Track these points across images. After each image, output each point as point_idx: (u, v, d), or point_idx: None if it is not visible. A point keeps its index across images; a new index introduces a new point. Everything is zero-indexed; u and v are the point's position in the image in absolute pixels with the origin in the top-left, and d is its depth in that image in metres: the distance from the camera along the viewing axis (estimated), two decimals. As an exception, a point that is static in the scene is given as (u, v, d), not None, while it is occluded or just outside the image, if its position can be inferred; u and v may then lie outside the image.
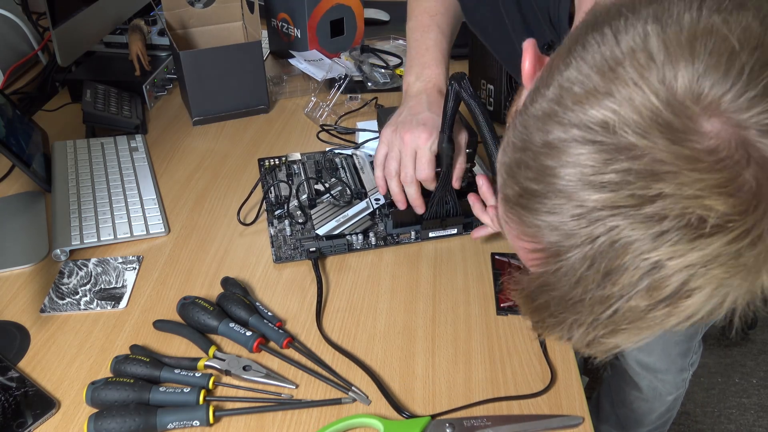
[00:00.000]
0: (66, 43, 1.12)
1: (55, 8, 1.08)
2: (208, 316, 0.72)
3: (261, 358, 0.71)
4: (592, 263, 0.35)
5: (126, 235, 0.88)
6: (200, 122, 1.17)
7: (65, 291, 0.80)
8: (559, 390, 0.67)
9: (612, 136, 0.33)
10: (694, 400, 1.65)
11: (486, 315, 0.76)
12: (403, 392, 0.67)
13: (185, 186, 1.01)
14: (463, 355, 0.71)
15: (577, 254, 0.35)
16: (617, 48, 0.35)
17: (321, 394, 0.67)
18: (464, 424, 0.63)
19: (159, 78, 1.27)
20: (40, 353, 0.72)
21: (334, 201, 0.93)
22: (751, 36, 0.33)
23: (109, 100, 1.16)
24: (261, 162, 1.04)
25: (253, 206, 0.95)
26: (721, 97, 0.32)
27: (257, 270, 0.83)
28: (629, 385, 1.15)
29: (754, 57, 0.32)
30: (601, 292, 0.36)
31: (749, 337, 1.83)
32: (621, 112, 0.33)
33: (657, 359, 1.07)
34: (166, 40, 1.33)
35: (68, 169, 1.01)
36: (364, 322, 0.75)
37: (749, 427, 1.59)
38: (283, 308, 0.77)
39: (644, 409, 1.17)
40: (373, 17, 1.56)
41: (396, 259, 0.85)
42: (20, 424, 0.63)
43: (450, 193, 0.83)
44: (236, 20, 1.28)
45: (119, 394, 0.64)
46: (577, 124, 0.34)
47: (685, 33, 0.34)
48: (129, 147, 1.08)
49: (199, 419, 0.63)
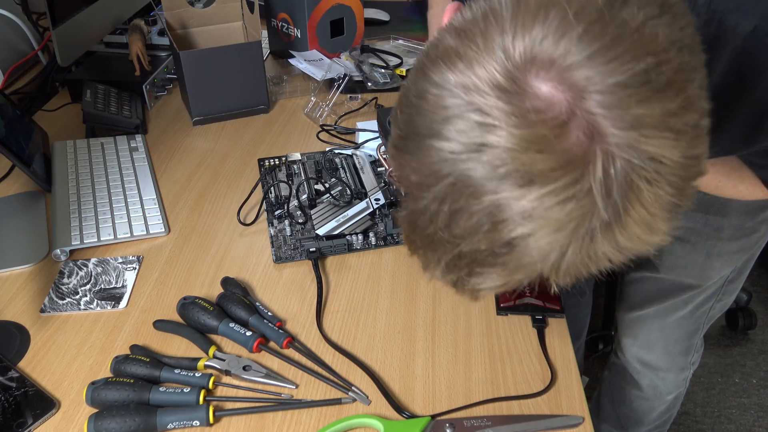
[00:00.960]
0: (66, 43, 1.12)
1: (55, 8, 1.08)
2: (208, 316, 0.72)
3: (261, 358, 0.71)
4: (441, 204, 0.39)
5: (126, 235, 0.88)
6: (200, 122, 1.17)
7: (65, 291, 0.80)
8: (559, 390, 0.67)
9: (458, 91, 0.38)
10: (694, 400, 1.65)
11: (486, 315, 0.76)
12: (403, 392, 0.67)
13: (185, 186, 1.01)
14: (463, 355, 0.71)
15: (430, 195, 0.39)
16: (471, 12, 0.40)
17: (321, 394, 0.67)
18: (464, 424, 0.63)
19: (159, 78, 1.27)
20: (40, 353, 0.72)
21: (334, 201, 0.93)
22: (592, 10, 0.36)
23: (109, 100, 1.16)
24: (261, 162, 1.04)
25: (253, 206, 0.95)
26: (553, 62, 0.36)
27: (257, 270, 0.83)
28: (630, 384, 1.15)
29: (588, 27, 0.36)
30: (449, 232, 0.40)
31: (749, 337, 1.83)
32: (466, 72, 0.38)
33: (658, 357, 1.07)
34: (166, 40, 1.33)
35: (68, 169, 1.01)
36: (364, 322, 0.75)
37: (749, 427, 1.59)
38: (283, 308, 0.77)
39: (644, 408, 1.17)
40: (373, 17, 1.56)
41: (396, 259, 0.85)
42: (20, 424, 0.63)
43: None
44: (236, 20, 1.28)
45: (119, 394, 0.64)
46: (434, 80, 0.39)
47: (532, 2, 0.37)
48: (129, 147, 1.08)
49: (199, 419, 0.63)
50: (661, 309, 1.00)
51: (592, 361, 1.73)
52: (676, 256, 0.93)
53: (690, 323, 1.01)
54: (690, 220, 0.89)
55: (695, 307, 0.98)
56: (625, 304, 1.07)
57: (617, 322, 1.12)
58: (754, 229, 0.88)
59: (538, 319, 0.75)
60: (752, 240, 0.89)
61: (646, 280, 0.99)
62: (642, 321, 1.04)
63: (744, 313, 1.80)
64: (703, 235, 0.89)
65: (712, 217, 0.87)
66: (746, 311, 1.81)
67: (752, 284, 1.97)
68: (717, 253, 0.90)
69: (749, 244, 0.89)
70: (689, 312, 0.99)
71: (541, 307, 0.76)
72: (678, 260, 0.93)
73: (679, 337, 1.04)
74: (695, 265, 0.92)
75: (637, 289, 1.02)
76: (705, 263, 0.91)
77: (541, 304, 0.77)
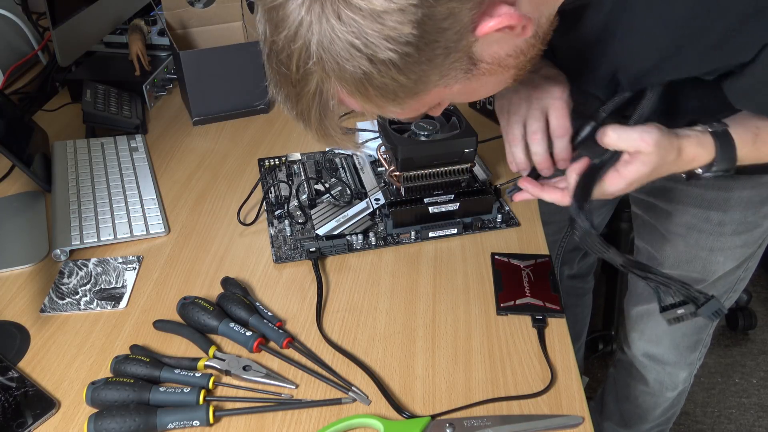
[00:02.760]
0: (66, 43, 1.12)
1: (55, 8, 1.08)
2: (208, 316, 0.73)
3: (261, 358, 0.71)
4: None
5: (126, 235, 0.88)
6: (200, 122, 1.17)
7: (65, 291, 0.80)
8: (559, 390, 0.67)
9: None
10: (694, 400, 1.65)
11: (486, 315, 0.76)
12: (403, 392, 0.67)
13: (185, 186, 1.01)
14: (463, 355, 0.71)
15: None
16: None
17: (321, 394, 0.67)
18: (464, 424, 0.63)
19: (159, 78, 1.27)
20: (40, 353, 0.72)
21: (334, 201, 0.93)
22: None
23: (109, 100, 1.16)
24: (261, 162, 1.04)
25: (253, 206, 0.95)
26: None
27: (257, 270, 0.83)
28: (635, 379, 1.16)
29: None
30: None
31: (749, 337, 1.83)
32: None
33: (665, 351, 1.07)
34: (166, 40, 1.33)
35: (68, 169, 1.02)
36: (364, 322, 0.75)
37: (749, 427, 1.59)
38: (283, 308, 0.77)
39: (649, 404, 1.17)
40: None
41: (396, 259, 0.85)
42: (20, 424, 0.63)
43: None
44: (236, 20, 1.28)
45: (119, 394, 0.64)
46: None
47: None
48: (129, 147, 1.08)
49: (199, 419, 0.63)
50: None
51: (592, 361, 1.73)
52: (680, 251, 0.93)
53: (699, 318, 1.01)
54: (691, 217, 0.89)
55: None
56: (632, 299, 1.07)
57: (624, 317, 1.12)
58: (757, 224, 0.88)
59: (538, 319, 0.75)
60: (755, 235, 0.89)
61: None
62: (649, 315, 1.04)
63: (744, 313, 1.80)
64: (704, 230, 0.89)
65: (714, 212, 0.87)
66: (746, 311, 1.81)
67: (752, 284, 1.97)
68: (720, 248, 0.90)
69: (752, 238, 0.90)
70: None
71: (541, 307, 0.76)
72: (681, 255, 0.93)
73: (687, 331, 1.04)
74: (699, 259, 0.92)
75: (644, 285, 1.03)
76: (708, 258, 0.92)
77: (541, 304, 0.77)
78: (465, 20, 0.48)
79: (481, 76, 0.54)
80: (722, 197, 0.86)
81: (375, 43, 0.45)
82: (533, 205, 0.94)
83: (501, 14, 0.49)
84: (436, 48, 0.48)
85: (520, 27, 0.51)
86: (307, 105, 0.52)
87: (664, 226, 0.93)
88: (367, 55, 0.46)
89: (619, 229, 1.57)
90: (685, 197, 0.88)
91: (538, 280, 0.80)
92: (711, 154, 0.65)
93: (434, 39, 0.47)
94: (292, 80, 0.50)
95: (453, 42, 0.48)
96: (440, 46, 0.48)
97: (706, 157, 0.65)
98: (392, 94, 0.50)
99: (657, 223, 0.95)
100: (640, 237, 1.01)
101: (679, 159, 0.64)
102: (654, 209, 0.94)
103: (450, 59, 0.50)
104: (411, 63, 0.47)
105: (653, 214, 0.95)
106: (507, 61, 0.54)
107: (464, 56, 0.51)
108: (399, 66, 0.47)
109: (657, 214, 0.94)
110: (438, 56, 0.49)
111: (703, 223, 0.89)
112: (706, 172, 0.66)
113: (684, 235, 0.91)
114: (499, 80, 0.58)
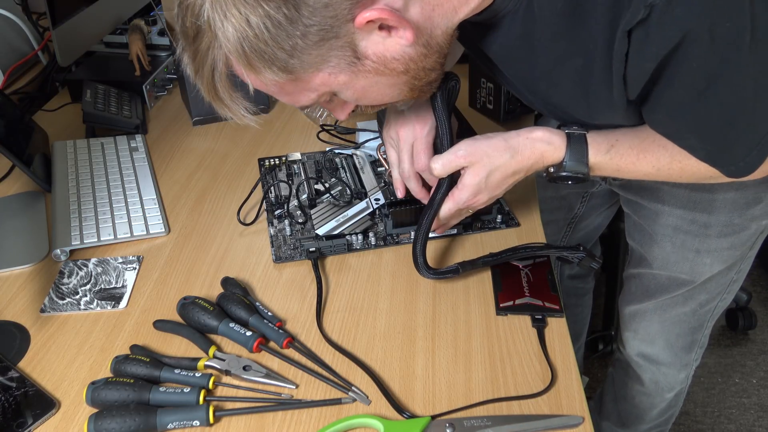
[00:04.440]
0: (66, 43, 1.12)
1: (55, 8, 1.08)
2: (208, 316, 0.73)
3: (261, 358, 0.71)
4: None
5: (126, 235, 0.88)
6: (200, 122, 1.17)
7: (65, 291, 0.80)
8: (559, 390, 0.67)
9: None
10: (694, 400, 1.65)
11: (486, 315, 0.76)
12: (403, 392, 0.67)
13: (185, 186, 1.01)
14: (463, 355, 0.71)
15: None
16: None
17: (321, 394, 0.67)
18: (464, 425, 0.63)
19: (159, 78, 1.27)
20: (40, 353, 0.72)
21: (334, 201, 0.93)
22: None
23: (109, 100, 1.16)
24: (261, 162, 1.04)
25: (253, 206, 0.95)
26: None
27: (257, 270, 0.83)
28: (632, 379, 1.16)
29: None
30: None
31: (749, 337, 1.83)
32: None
33: (659, 351, 1.07)
34: (166, 40, 1.33)
35: (68, 169, 1.02)
36: (364, 322, 0.75)
37: (749, 427, 1.59)
38: (283, 308, 0.77)
39: (645, 404, 1.17)
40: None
41: (396, 259, 0.85)
42: (20, 424, 0.63)
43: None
44: (236, 20, 1.28)
45: (119, 394, 0.64)
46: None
47: None
48: (129, 147, 1.08)
49: (199, 419, 0.63)
50: (659, 303, 1.01)
51: (592, 361, 1.73)
52: (667, 253, 0.94)
53: (693, 319, 1.01)
54: (677, 218, 0.89)
55: (699, 305, 0.99)
56: (625, 298, 1.08)
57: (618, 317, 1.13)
58: (743, 226, 0.88)
59: (538, 319, 0.75)
60: (743, 237, 0.89)
61: (644, 275, 1.00)
62: (642, 315, 1.05)
63: (744, 313, 1.80)
64: (690, 232, 0.90)
65: (699, 214, 0.87)
66: (746, 311, 1.81)
67: (752, 284, 1.97)
68: (706, 249, 0.91)
69: (740, 241, 0.90)
70: (691, 309, 0.99)
71: (540, 307, 0.76)
72: (669, 256, 0.94)
73: (681, 332, 1.04)
74: (686, 261, 0.93)
75: (636, 284, 1.03)
76: (695, 259, 0.92)
77: (540, 303, 0.77)
78: (343, 7, 0.53)
79: (368, 74, 0.59)
80: (707, 199, 0.86)
81: (251, 4, 0.50)
82: (533, 206, 0.94)
83: (376, 8, 0.54)
84: (310, 26, 0.53)
85: (402, 31, 0.56)
86: (201, 62, 0.57)
87: (652, 227, 0.94)
88: (245, 15, 0.51)
89: (619, 229, 1.57)
90: (672, 198, 0.89)
91: (537, 280, 0.80)
92: (560, 152, 0.72)
93: (307, 16, 0.52)
94: (189, 37, 0.57)
95: (329, 26, 0.53)
96: (315, 25, 0.53)
97: (555, 155, 0.72)
98: (269, 61, 0.54)
99: (645, 223, 0.95)
100: (630, 237, 1.01)
101: (519, 155, 0.72)
102: (642, 210, 0.95)
103: (330, 44, 0.55)
104: (284, 34, 0.52)
105: (642, 215, 0.96)
106: (393, 64, 0.59)
107: (346, 45, 0.56)
108: (272, 32, 0.52)
109: (645, 214, 0.95)
110: (313, 35, 0.53)
111: (689, 224, 0.89)
112: (559, 172, 0.72)
113: (671, 236, 0.92)
114: (392, 84, 0.62)
